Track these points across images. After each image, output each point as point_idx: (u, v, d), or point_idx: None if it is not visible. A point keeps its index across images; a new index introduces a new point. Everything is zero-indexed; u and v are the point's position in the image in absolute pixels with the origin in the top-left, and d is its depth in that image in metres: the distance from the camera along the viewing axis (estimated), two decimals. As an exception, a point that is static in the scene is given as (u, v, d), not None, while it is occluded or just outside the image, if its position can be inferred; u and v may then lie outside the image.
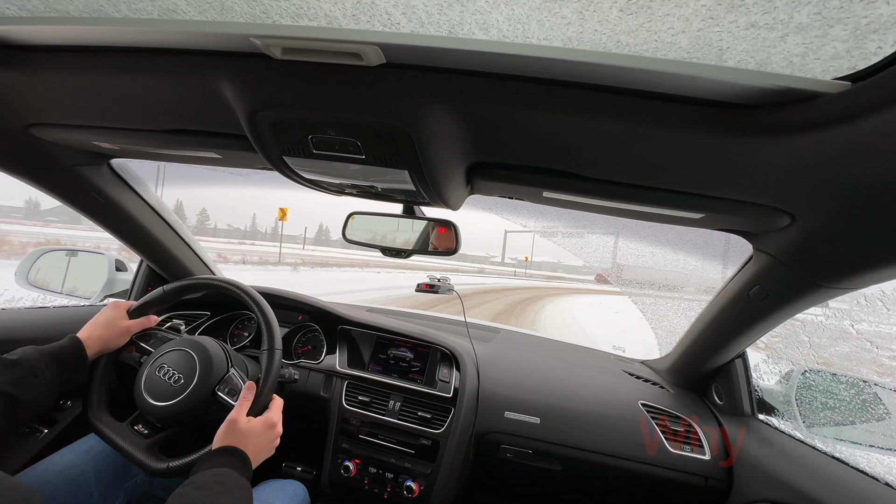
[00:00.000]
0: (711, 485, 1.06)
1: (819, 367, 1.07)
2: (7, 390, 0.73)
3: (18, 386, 0.74)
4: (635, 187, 0.68)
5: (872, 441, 0.95)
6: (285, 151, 0.71)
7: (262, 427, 0.81)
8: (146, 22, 0.55)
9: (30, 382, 0.76)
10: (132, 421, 0.92)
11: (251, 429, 0.79)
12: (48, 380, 0.79)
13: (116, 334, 0.95)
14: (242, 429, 0.78)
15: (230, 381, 0.92)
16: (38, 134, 0.85)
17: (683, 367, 1.26)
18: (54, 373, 0.80)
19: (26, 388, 0.75)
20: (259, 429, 0.80)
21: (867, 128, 0.43)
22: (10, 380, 0.74)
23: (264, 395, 0.86)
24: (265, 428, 0.81)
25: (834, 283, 0.73)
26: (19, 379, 0.75)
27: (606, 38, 0.49)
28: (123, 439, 0.88)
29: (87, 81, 0.68)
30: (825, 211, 0.60)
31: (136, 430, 0.91)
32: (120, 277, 1.47)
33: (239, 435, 0.77)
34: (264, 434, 0.81)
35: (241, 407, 0.82)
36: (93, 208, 1.16)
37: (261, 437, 0.80)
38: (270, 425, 0.83)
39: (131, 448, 0.86)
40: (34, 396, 0.77)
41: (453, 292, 1.35)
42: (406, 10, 0.51)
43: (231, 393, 0.89)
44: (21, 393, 0.74)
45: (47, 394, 0.79)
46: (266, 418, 0.83)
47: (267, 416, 0.83)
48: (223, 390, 0.90)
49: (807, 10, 0.40)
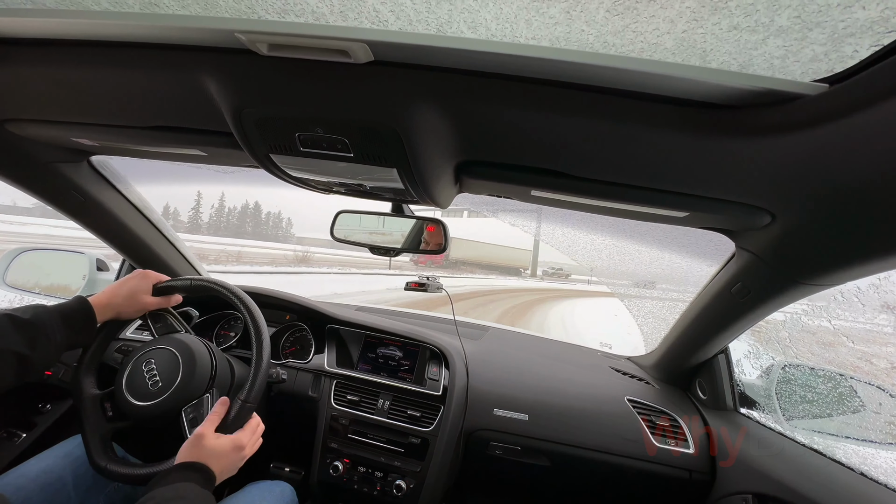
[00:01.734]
0: (695, 478, 1.08)
1: (798, 362, 1.10)
2: (21, 351, 0.74)
3: (32, 346, 0.75)
4: (621, 186, 0.69)
5: (848, 433, 0.98)
6: (272, 149, 0.70)
7: (230, 447, 0.77)
8: (127, 15, 0.54)
9: (42, 342, 0.77)
10: (106, 395, 0.92)
11: (217, 447, 0.75)
12: (58, 339, 0.80)
13: (134, 308, 0.94)
14: (207, 445, 0.75)
15: (199, 406, 0.88)
16: (14, 130, 0.83)
17: (668, 362, 1.29)
18: (63, 333, 0.81)
19: (38, 348, 0.76)
20: (225, 449, 0.76)
21: (844, 129, 0.45)
22: (22, 339, 0.75)
23: (234, 415, 0.83)
24: (232, 449, 0.77)
25: (812, 280, 0.75)
26: (33, 339, 0.76)
27: (593, 38, 0.50)
28: (88, 411, 0.88)
29: (65, 76, 0.66)
30: (804, 209, 0.61)
31: (105, 406, 0.91)
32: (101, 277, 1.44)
33: (204, 451, 0.74)
34: (228, 455, 0.77)
35: (211, 422, 0.79)
36: (72, 207, 1.13)
37: (225, 457, 0.76)
38: (238, 447, 0.78)
39: (89, 426, 0.87)
40: (44, 355, 0.78)
41: (442, 291, 1.35)
42: (394, 7, 0.51)
43: (193, 422, 0.85)
44: (32, 353, 0.75)
45: (55, 353, 0.80)
46: (235, 439, 0.79)
47: (237, 437, 0.79)
48: (188, 414, 0.86)
49: (787, 13, 0.41)
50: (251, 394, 0.86)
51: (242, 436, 0.80)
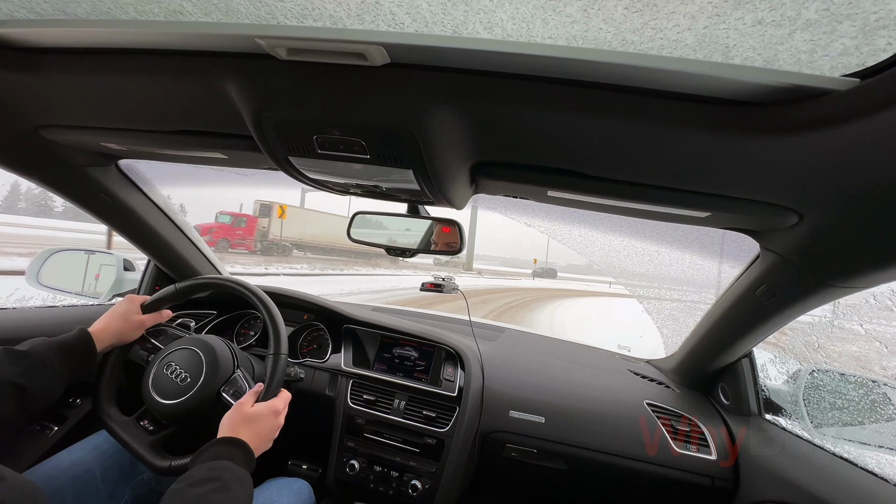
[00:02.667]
0: (718, 485, 1.05)
1: (827, 367, 1.06)
2: (17, 381, 0.73)
3: (28, 377, 0.75)
4: (641, 186, 0.68)
5: (882, 441, 0.94)
6: (290, 151, 0.71)
7: (267, 412, 0.82)
8: (152, 24, 0.56)
9: (39, 373, 0.77)
10: (139, 416, 0.93)
11: (256, 412, 0.81)
12: (57, 371, 0.80)
13: (131, 328, 0.97)
14: (247, 412, 0.80)
15: (235, 382, 0.93)
16: (47, 135, 0.86)
17: (689, 366, 1.26)
18: (63, 364, 0.81)
19: (36, 378, 0.76)
20: (264, 413, 0.82)
21: (876, 125, 0.43)
22: (20, 370, 0.75)
23: (271, 391, 0.88)
24: (270, 414, 0.82)
25: (842, 283, 0.72)
26: (29, 370, 0.76)
27: (611, 36, 0.49)
28: (128, 434, 0.89)
29: (94, 83, 0.68)
30: (833, 209, 0.59)
31: (142, 425, 0.92)
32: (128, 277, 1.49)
33: (243, 418, 0.79)
34: (268, 420, 0.81)
35: (250, 396, 0.84)
36: (101, 209, 1.17)
37: (264, 423, 0.81)
38: (275, 412, 0.84)
39: (135, 443, 0.87)
40: (43, 387, 0.77)
41: (458, 291, 1.35)
42: (410, 9, 0.51)
43: (235, 395, 0.90)
44: (30, 384, 0.75)
45: (56, 385, 0.80)
46: (271, 404, 0.84)
47: (272, 403, 0.84)
48: (228, 391, 0.91)
49: (814, 6, 0.40)
50: (280, 345, 0.92)
51: (277, 402, 0.86)
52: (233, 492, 0.64)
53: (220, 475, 0.65)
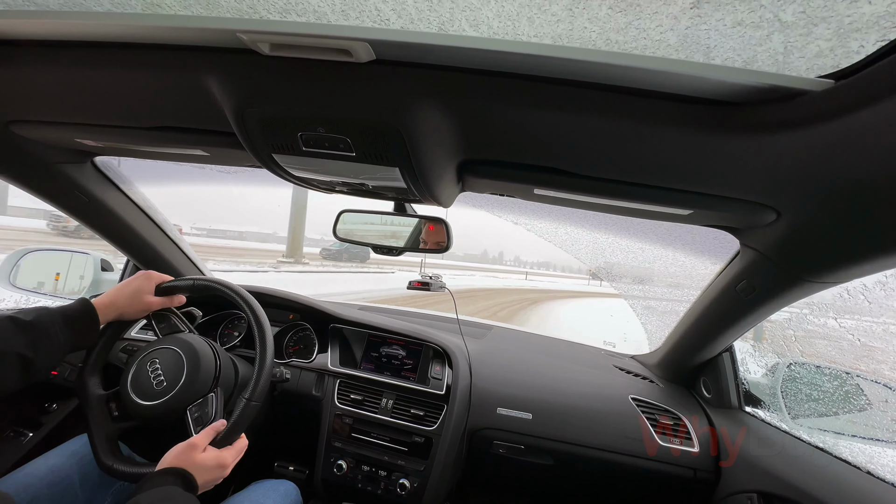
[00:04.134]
0: (700, 476, 1.08)
1: (804, 360, 1.09)
2: (24, 353, 0.74)
3: (35, 348, 0.76)
4: (625, 184, 0.69)
5: (855, 431, 0.97)
6: (274, 149, 0.70)
7: (214, 464, 0.77)
8: (130, 16, 0.54)
9: (44, 344, 0.77)
10: (112, 396, 0.92)
11: (202, 461, 0.76)
12: (61, 341, 0.80)
13: (137, 308, 0.94)
14: (194, 458, 0.75)
15: (205, 404, 0.88)
16: (18, 131, 0.83)
17: (672, 361, 1.28)
18: (67, 334, 0.81)
19: (41, 350, 0.77)
20: (210, 464, 0.77)
21: (849, 125, 0.44)
22: (27, 342, 0.75)
23: (230, 437, 0.83)
24: (215, 466, 0.78)
25: (818, 278, 0.75)
26: (35, 341, 0.76)
27: (596, 35, 0.50)
28: (95, 412, 0.89)
29: (68, 77, 0.66)
30: (809, 207, 0.61)
31: (111, 406, 0.91)
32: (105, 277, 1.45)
33: (191, 461, 0.75)
34: (211, 472, 0.77)
35: (207, 435, 0.80)
36: (77, 207, 1.13)
37: (208, 472, 0.76)
38: (221, 465, 0.79)
39: (95, 428, 0.87)
40: (47, 357, 0.78)
41: (445, 290, 1.35)
42: (396, 6, 0.51)
43: (198, 420, 0.86)
44: (35, 355, 0.76)
45: (59, 355, 0.81)
46: (220, 456, 0.79)
47: (221, 455, 0.79)
48: (193, 413, 0.87)
49: (791, 8, 0.41)
50: (255, 392, 0.87)
51: (227, 455, 0.80)
52: None
53: (173, 496, 0.66)
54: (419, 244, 1.01)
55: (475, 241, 61.52)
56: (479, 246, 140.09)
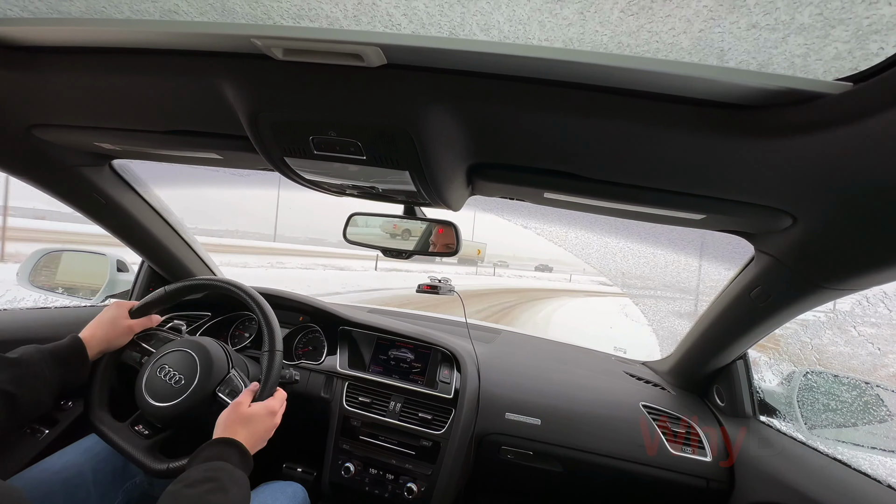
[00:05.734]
0: (713, 486, 1.05)
1: (821, 369, 1.07)
2: (7, 389, 0.72)
3: (18, 385, 0.74)
4: (636, 188, 0.68)
5: (875, 443, 0.94)
6: (286, 152, 0.71)
7: (263, 412, 0.82)
8: (147, 23, 0.55)
9: (30, 382, 0.76)
10: (133, 421, 0.92)
11: (252, 412, 0.80)
12: (48, 379, 0.79)
13: (119, 333, 0.95)
14: (244, 412, 0.79)
15: (231, 381, 0.92)
16: (40, 135, 0.86)
17: (685, 368, 1.26)
18: (55, 372, 0.80)
19: (26, 387, 0.75)
20: (260, 413, 0.81)
21: (869, 129, 0.43)
22: (10, 378, 0.74)
23: (267, 390, 0.87)
24: (266, 413, 0.82)
25: (836, 285, 0.73)
26: (19, 378, 0.75)
27: (608, 39, 0.49)
28: (123, 439, 0.88)
29: (88, 82, 0.68)
30: (827, 212, 0.59)
31: (137, 430, 0.91)
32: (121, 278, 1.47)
33: (240, 418, 0.78)
34: (263, 420, 0.81)
35: (246, 395, 0.83)
36: (94, 209, 1.16)
37: (260, 422, 0.80)
38: (271, 412, 0.83)
39: (131, 448, 0.86)
40: (34, 395, 0.76)
41: (454, 293, 1.35)
42: (407, 10, 0.51)
43: (231, 394, 0.89)
44: (21, 392, 0.74)
45: (47, 393, 0.79)
46: (267, 404, 0.83)
47: (269, 403, 0.84)
48: (224, 391, 0.90)
49: (808, 10, 0.40)
50: (273, 342, 0.92)
51: (273, 402, 0.85)
52: (230, 493, 0.63)
53: (216, 476, 0.65)
54: (429, 247, 1.01)
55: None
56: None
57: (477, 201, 0.97)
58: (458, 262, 39.47)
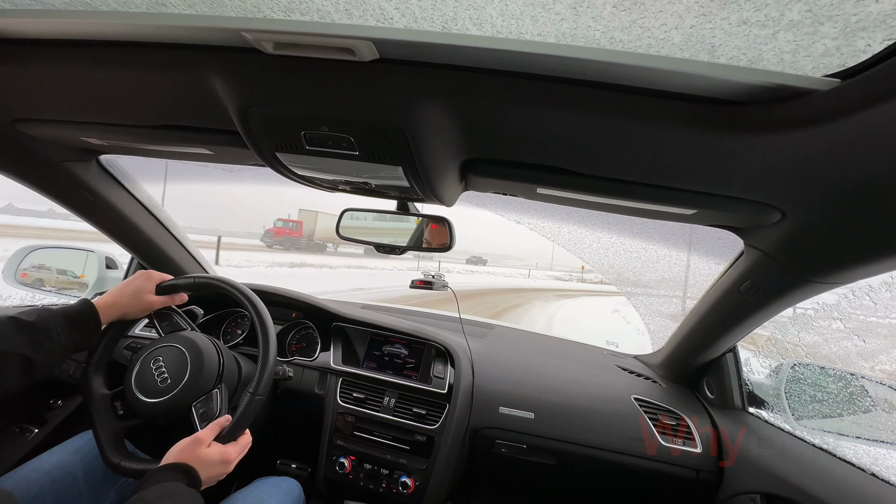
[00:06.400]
0: (702, 477, 1.07)
1: (808, 361, 1.09)
2: (24, 353, 0.74)
3: (35, 348, 0.76)
4: (628, 184, 0.68)
5: (859, 432, 0.97)
6: (278, 147, 0.70)
7: (218, 459, 0.78)
8: (134, 15, 0.54)
9: (46, 345, 0.78)
10: (116, 395, 0.92)
11: (206, 456, 0.77)
12: (63, 342, 0.80)
13: (139, 307, 0.95)
14: (199, 453, 0.76)
15: (209, 400, 0.89)
16: (24, 129, 0.84)
17: (675, 361, 1.28)
18: (68, 335, 0.81)
19: (42, 350, 0.77)
20: (214, 460, 0.77)
21: (856, 125, 0.44)
22: (27, 342, 0.75)
23: (236, 432, 0.84)
24: (219, 462, 0.78)
25: (823, 279, 0.74)
26: (36, 341, 0.76)
27: (600, 34, 0.49)
28: (100, 412, 0.89)
29: (73, 76, 0.66)
30: (815, 207, 0.60)
31: (115, 405, 0.92)
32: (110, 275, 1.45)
33: (196, 456, 0.75)
34: (215, 467, 0.78)
35: (212, 430, 0.81)
36: (81, 205, 1.14)
37: (210, 468, 0.77)
38: (226, 461, 0.79)
39: (101, 427, 0.87)
40: (48, 358, 0.78)
41: (448, 289, 1.35)
42: (399, 4, 0.51)
43: (203, 416, 0.87)
44: (37, 355, 0.76)
45: (60, 355, 0.81)
46: (225, 451, 0.80)
47: (227, 450, 0.80)
48: (198, 409, 0.88)
49: (798, 7, 0.40)
50: (259, 386, 0.88)
51: (232, 450, 0.81)
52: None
53: (176, 492, 0.66)
54: (422, 243, 1.01)
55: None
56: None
57: (470, 196, 0.97)
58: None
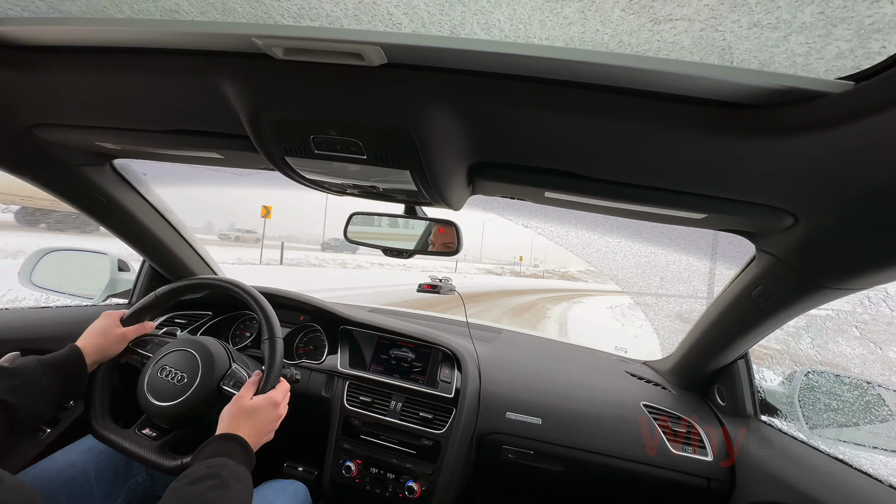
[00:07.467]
0: (714, 486, 1.05)
1: (822, 369, 1.06)
2: (4, 398, 0.73)
3: (16, 394, 0.74)
4: (638, 187, 0.68)
5: (876, 443, 0.94)
6: (287, 152, 0.71)
7: (266, 404, 0.81)
8: (148, 22, 0.55)
9: (27, 391, 0.76)
10: (139, 426, 0.91)
11: (255, 405, 0.80)
12: (46, 388, 0.79)
13: (113, 342, 0.94)
14: (246, 405, 0.79)
15: (234, 374, 0.92)
16: (42, 134, 0.86)
17: (686, 368, 1.26)
18: (53, 381, 0.80)
19: (23, 396, 0.75)
20: (263, 406, 0.81)
21: (871, 128, 0.43)
22: (7, 388, 0.74)
23: (271, 380, 0.86)
24: (269, 405, 0.82)
25: (837, 284, 0.73)
26: (16, 387, 0.75)
27: (608, 37, 0.49)
28: (131, 445, 0.86)
29: (89, 82, 0.68)
30: (829, 211, 0.59)
31: (144, 434, 0.89)
32: (122, 277, 1.48)
33: (242, 411, 0.78)
34: (267, 411, 0.81)
35: (248, 388, 0.83)
36: (95, 208, 1.16)
37: (263, 414, 0.80)
38: (274, 403, 0.83)
39: (142, 451, 0.85)
40: (31, 405, 0.76)
41: (455, 293, 1.35)
42: (408, 10, 0.51)
43: (236, 385, 0.89)
44: (18, 401, 0.74)
45: (45, 402, 0.79)
46: (269, 396, 0.83)
47: (271, 394, 0.83)
48: (228, 384, 0.90)
49: (810, 9, 0.40)
50: (273, 328, 0.91)
51: (276, 393, 0.84)
52: (231, 489, 0.63)
53: (218, 472, 0.64)
54: (429, 246, 1.01)
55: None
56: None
57: (477, 200, 0.97)
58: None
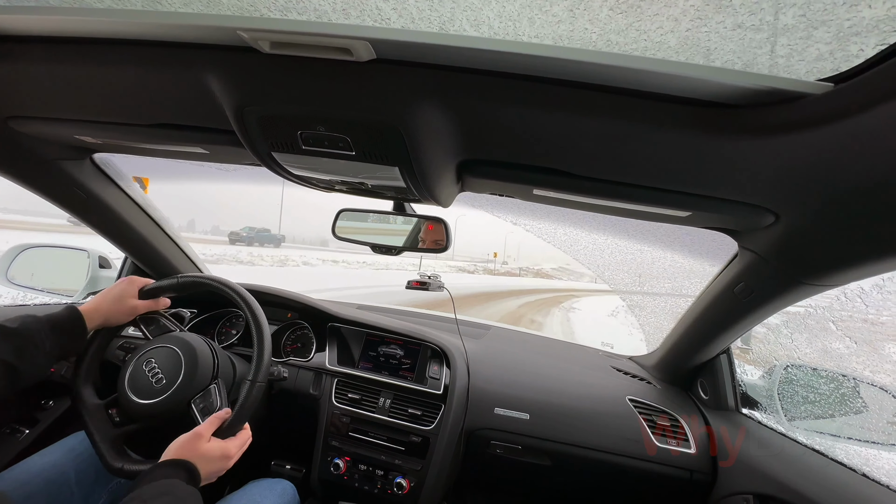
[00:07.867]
0: (696, 478, 1.08)
1: (800, 363, 1.10)
2: (8, 360, 0.73)
3: (19, 355, 0.75)
4: (624, 185, 0.69)
5: (850, 433, 0.98)
6: (274, 147, 0.70)
7: (219, 454, 0.77)
8: (130, 13, 0.54)
9: (30, 352, 0.77)
10: (109, 403, 0.91)
11: (208, 450, 0.76)
12: (47, 349, 0.79)
13: (122, 312, 0.94)
14: (199, 447, 0.75)
15: (208, 395, 0.89)
16: (18, 127, 0.83)
17: (670, 362, 1.29)
18: (53, 342, 0.81)
19: (26, 357, 0.76)
20: (215, 454, 0.77)
21: (849, 129, 0.44)
22: (10, 349, 0.74)
23: (236, 425, 0.83)
24: (220, 456, 0.77)
25: (816, 281, 0.75)
26: (19, 348, 0.75)
27: (597, 36, 0.50)
28: (95, 420, 0.87)
29: (68, 73, 0.66)
30: (808, 210, 0.61)
31: (110, 413, 0.90)
32: (103, 275, 1.44)
33: (195, 451, 0.74)
34: (216, 462, 0.77)
35: (211, 424, 0.80)
36: (75, 204, 1.13)
37: (212, 463, 0.76)
38: (226, 456, 0.78)
39: (98, 434, 0.86)
40: (33, 365, 0.77)
41: (444, 289, 1.35)
42: (396, 5, 0.51)
43: (204, 411, 0.86)
44: (21, 362, 0.75)
45: (45, 362, 0.80)
46: (225, 447, 0.78)
47: (226, 446, 0.79)
48: (198, 405, 0.87)
49: (792, 11, 0.41)
50: (259, 373, 0.88)
51: (232, 445, 0.80)
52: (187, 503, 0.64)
53: (170, 490, 0.65)
54: (418, 243, 1.01)
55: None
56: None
57: (466, 197, 0.97)
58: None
